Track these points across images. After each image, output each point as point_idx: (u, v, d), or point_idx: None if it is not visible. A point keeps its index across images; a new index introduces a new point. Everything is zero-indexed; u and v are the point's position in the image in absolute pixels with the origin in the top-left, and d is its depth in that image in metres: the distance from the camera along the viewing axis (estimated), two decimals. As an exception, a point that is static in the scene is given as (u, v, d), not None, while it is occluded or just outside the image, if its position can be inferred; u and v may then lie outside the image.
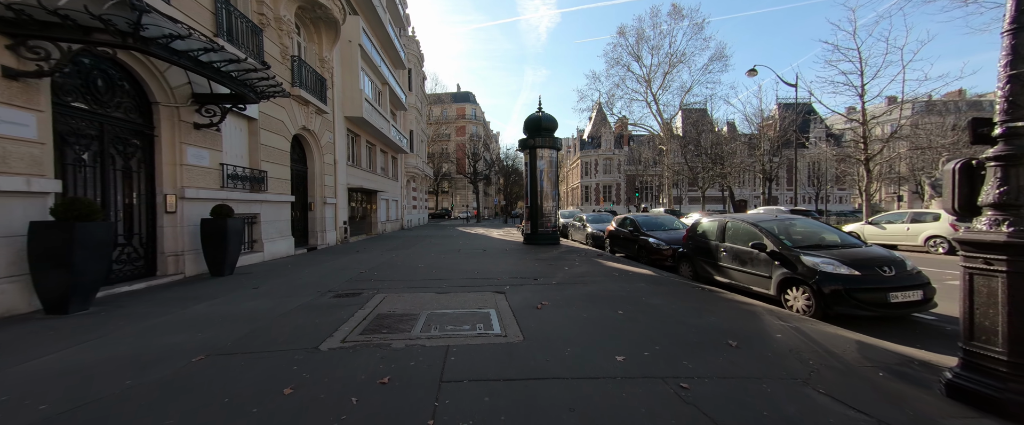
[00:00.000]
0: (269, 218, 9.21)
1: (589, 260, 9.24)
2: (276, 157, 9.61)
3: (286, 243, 9.97)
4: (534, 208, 13.89)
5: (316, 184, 12.40)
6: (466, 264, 8.62)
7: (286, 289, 5.83)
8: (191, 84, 6.60)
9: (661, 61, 34.38)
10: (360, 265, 8.45)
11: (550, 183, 13.85)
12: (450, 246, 13.05)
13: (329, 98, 13.05)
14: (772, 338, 3.62)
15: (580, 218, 15.67)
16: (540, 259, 9.47)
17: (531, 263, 8.72)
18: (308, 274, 7.20)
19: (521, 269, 7.82)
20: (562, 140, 14.17)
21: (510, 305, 4.86)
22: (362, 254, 10.66)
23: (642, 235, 9.14)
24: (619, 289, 5.81)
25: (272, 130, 9.42)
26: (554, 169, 13.93)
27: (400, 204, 24.69)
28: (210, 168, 7.18)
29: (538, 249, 11.94)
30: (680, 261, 7.18)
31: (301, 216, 12.02)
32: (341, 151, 14.17)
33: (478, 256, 10.15)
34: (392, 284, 6.25)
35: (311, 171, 12.36)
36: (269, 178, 9.19)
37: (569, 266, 8.18)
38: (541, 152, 13.79)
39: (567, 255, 10.24)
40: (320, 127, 12.30)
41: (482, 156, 46.34)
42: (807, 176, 59.74)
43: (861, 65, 13.75)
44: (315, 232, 12.39)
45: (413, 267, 8.19)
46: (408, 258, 9.75)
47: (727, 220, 6.12)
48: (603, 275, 7.08)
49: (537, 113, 14.12)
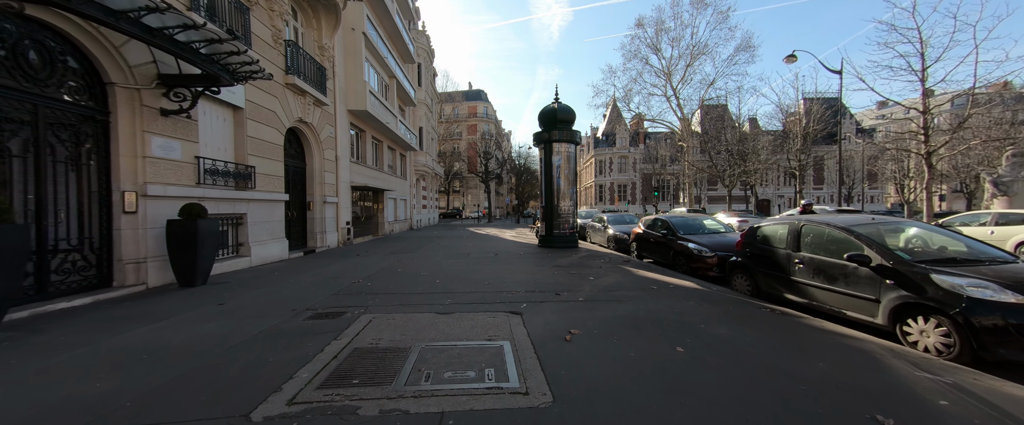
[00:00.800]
0: (258, 219, 8.28)
1: (616, 267, 8.05)
2: (267, 151, 8.69)
3: (279, 246, 9.04)
4: (549, 208, 12.73)
5: (315, 182, 11.49)
6: (475, 272, 7.53)
7: (258, 305, 4.83)
8: (157, 63, 5.66)
9: (682, 53, 32.76)
10: (356, 272, 7.44)
11: (567, 181, 12.66)
12: (459, 249, 12.00)
13: (329, 89, 12.12)
14: (931, 406, 2.40)
15: (600, 219, 14.43)
16: (559, 266, 8.31)
17: (549, 271, 7.58)
18: (293, 284, 6.21)
19: (539, 279, 6.68)
20: (578, 133, 12.96)
21: (529, 334, 3.74)
22: (362, 258, 9.68)
23: (679, 239, 7.89)
24: (666, 310, 4.62)
25: (262, 121, 8.50)
26: (572, 165, 12.74)
27: (409, 203, 23.82)
28: (182, 162, 6.26)
29: (555, 253, 10.78)
30: (733, 272, 5.93)
31: (299, 216, 11.13)
32: (343, 147, 13.26)
33: (489, 261, 9.05)
34: (386, 299, 5.19)
35: (310, 168, 11.46)
36: (258, 174, 8.27)
37: (595, 276, 7.00)
38: (557, 147, 12.61)
39: (589, 261, 9.06)
40: (319, 120, 11.39)
41: (494, 155, 45.35)
42: (836, 173, 56.94)
43: (921, 46, 12.15)
44: (314, 233, 11.49)
45: (415, 275, 7.14)
46: (411, 263, 8.72)
47: (801, 223, 4.86)
48: (638, 288, 5.89)
49: (553, 104, 12.95)
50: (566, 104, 13.00)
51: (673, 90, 33.09)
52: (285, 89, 9.41)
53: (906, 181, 35.89)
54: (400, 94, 21.07)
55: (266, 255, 8.52)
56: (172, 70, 5.77)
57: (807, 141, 23.12)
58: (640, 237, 9.80)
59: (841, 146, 14.94)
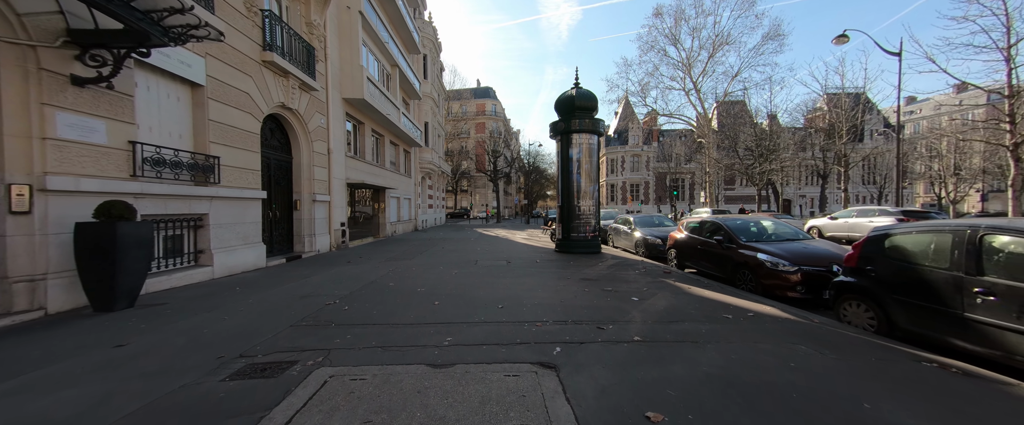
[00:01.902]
0: (224, 220, 6.89)
1: (659, 282, 6.47)
2: (237, 139, 7.29)
3: (253, 253, 7.64)
4: (567, 208, 11.17)
5: (303, 178, 10.10)
6: (485, 288, 6.02)
7: (173, 347, 3.38)
8: (65, 14, 4.26)
9: (703, 44, 30.88)
10: (338, 287, 5.98)
11: (588, 177, 11.08)
12: (466, 254, 10.51)
13: (320, 74, 10.73)
14: None
15: (625, 220, 12.81)
16: (588, 279, 6.76)
17: (577, 287, 6.03)
18: (247, 307, 4.76)
19: (567, 300, 5.14)
20: (601, 122, 11.38)
21: (578, 419, 2.22)
22: (353, 266, 8.24)
23: (741, 247, 6.26)
24: (773, 362, 3.06)
25: (230, 103, 7.10)
26: (593, 159, 11.16)
27: (413, 203, 22.44)
28: (109, 147, 4.86)
29: (577, 261, 9.22)
30: (842, 298, 4.28)
31: (283, 217, 9.75)
32: (338, 139, 11.86)
33: (501, 272, 7.54)
34: (362, 334, 3.71)
35: (297, 161, 10.07)
36: (224, 167, 6.87)
37: (638, 295, 5.44)
38: (576, 138, 11.05)
39: (621, 272, 7.50)
40: (308, 108, 9.99)
41: (502, 153, 43.86)
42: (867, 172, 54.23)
43: (1007, 20, 10.32)
44: (302, 236, 10.09)
45: (409, 293, 5.65)
46: (409, 274, 7.24)
47: (982, 230, 3.20)
48: (707, 317, 4.32)
49: (571, 90, 11.39)
50: (587, 89, 11.42)
51: (693, 83, 31.22)
52: (262, 67, 8.01)
53: (947, 178, 33.47)
54: (404, 86, 19.68)
55: (235, 264, 7.12)
56: (86, 24, 4.36)
57: (857, 132, 20.97)
58: (682, 243, 8.19)
59: (899, 142, 13.08)
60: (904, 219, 11.48)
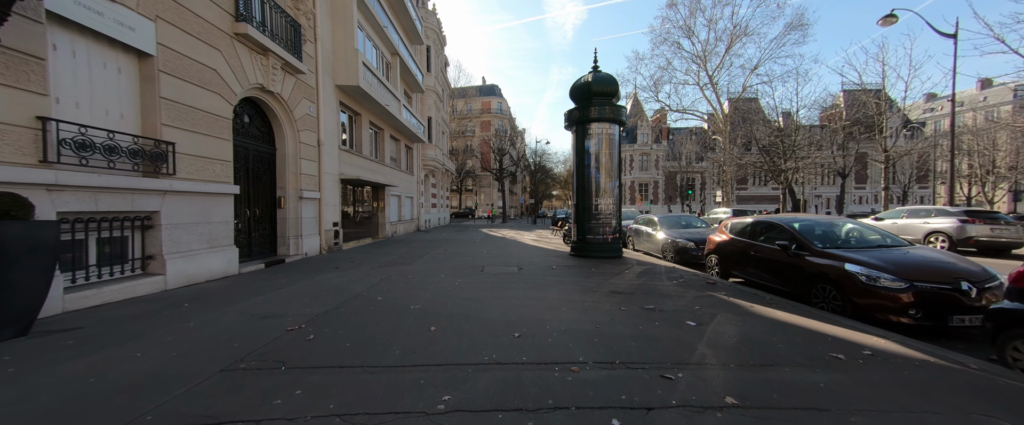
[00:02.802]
0: (181, 218, 5.75)
1: (709, 297, 5.22)
2: (201, 123, 6.15)
3: (221, 258, 6.50)
4: (583, 207, 9.96)
5: (288, 172, 8.97)
6: (495, 304, 4.81)
7: (20, 419, 2.22)
8: (-72, -60, 3.13)
9: (720, 36, 29.47)
10: (310, 305, 4.81)
11: (608, 172, 9.84)
12: (471, 258, 9.31)
13: (308, 56, 9.60)
14: None
15: (648, 220, 11.52)
16: (620, 293, 5.53)
17: (610, 304, 4.81)
18: (175, 339, 3.59)
19: (604, 324, 3.92)
20: (623, 109, 10.13)
21: None
22: (341, 273, 7.08)
23: (818, 255, 4.95)
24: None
25: (191, 79, 5.95)
26: (614, 151, 9.91)
27: (415, 201, 21.31)
28: (3, 124, 3.72)
29: (598, 267, 7.99)
30: (1009, 333, 3.02)
31: (265, 216, 8.62)
32: (330, 130, 10.73)
33: (513, 282, 6.32)
34: (315, 395, 2.52)
35: (281, 153, 8.94)
36: (181, 155, 5.74)
37: (693, 317, 4.20)
38: (594, 128, 9.83)
39: (654, 282, 6.26)
40: (293, 93, 8.86)
41: (508, 152, 42.62)
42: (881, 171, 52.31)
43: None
44: (286, 238, 8.96)
45: (399, 313, 4.46)
46: (402, 285, 6.05)
47: None
48: (811, 359, 3.07)
49: (587, 75, 10.16)
50: (606, 73, 10.18)
51: (709, 77, 29.82)
52: (234, 41, 6.87)
53: (985, 176, 31.70)
54: (405, 77, 18.55)
55: (197, 271, 5.98)
56: (-40, -45, 3.22)
57: (880, 130, 19.45)
58: (727, 249, 6.90)
59: (953, 137, 11.67)
60: (969, 220, 10.09)
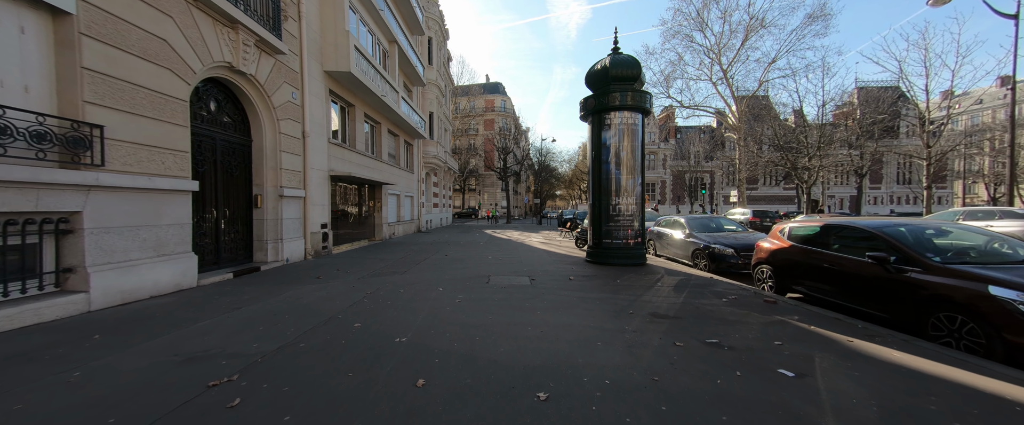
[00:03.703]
0: (114, 221, 4.63)
1: (781, 323, 4.04)
2: (145, 104, 5.02)
3: (171, 268, 5.37)
4: (600, 208, 8.81)
5: (266, 166, 7.85)
6: (506, 338, 3.63)
7: None
8: None
9: (735, 28, 28.12)
10: (263, 337, 3.66)
11: (629, 168, 8.66)
12: (474, 264, 8.13)
13: (291, 35, 8.48)
14: None
15: (673, 222, 10.28)
16: (663, 316, 4.35)
17: (659, 336, 3.64)
18: (24, 406, 2.46)
19: (666, 382, 2.75)
20: (647, 95, 8.92)
21: None
22: (319, 286, 5.94)
23: (939, 273, 3.67)
24: None
25: (130, 49, 4.83)
26: (636, 144, 8.74)
27: (416, 201, 20.19)
28: None
29: (623, 277, 6.80)
30: None
31: (239, 216, 7.51)
32: (317, 120, 9.61)
33: (526, 299, 5.14)
34: None
35: (258, 145, 7.81)
36: (115, 142, 4.61)
37: (786, 365, 3.02)
38: (613, 118, 8.67)
39: (699, 300, 5.07)
40: (272, 76, 7.74)
41: (512, 150, 41.42)
42: (897, 172, 50.68)
43: None
44: (264, 242, 7.84)
45: (376, 353, 3.29)
46: (389, 305, 4.89)
47: None
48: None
49: (605, 59, 8.97)
50: (626, 54, 8.99)
51: (723, 72, 28.49)
52: (191, 6, 5.73)
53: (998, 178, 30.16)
54: (405, 69, 17.44)
55: (137, 286, 4.85)
56: None
57: (923, 125, 17.93)
58: (787, 258, 5.68)
59: (1014, 125, 10.38)
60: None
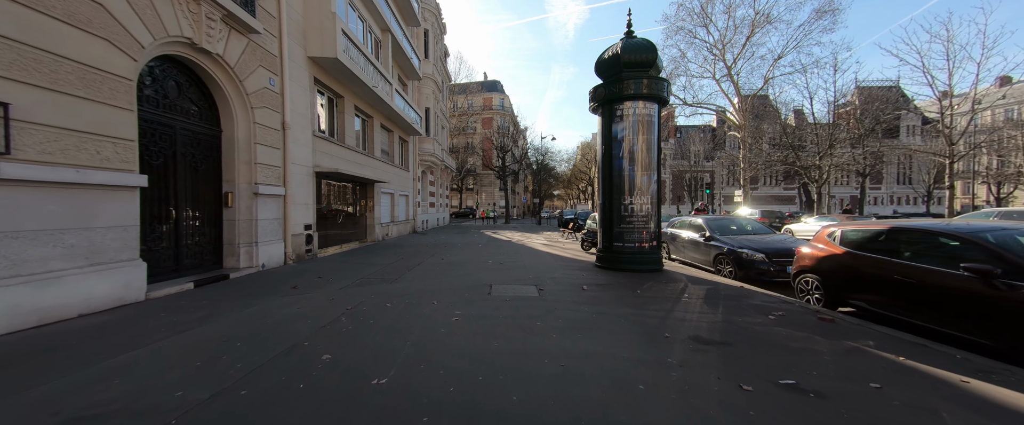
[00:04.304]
0: (24, 224, 3.74)
1: (867, 357, 3.22)
2: (72, 80, 4.13)
3: (109, 280, 4.47)
4: (611, 208, 8.02)
5: (238, 160, 6.95)
6: (515, 381, 2.76)
7: None
8: None
9: (739, 24, 27.38)
10: (190, 384, 2.77)
11: (644, 165, 7.84)
12: (473, 271, 7.26)
13: (268, 13, 7.59)
14: None
15: (692, 224, 9.41)
16: (711, 344, 3.52)
17: (719, 382, 2.79)
18: None
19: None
20: (664, 82, 8.09)
21: None
22: (293, 299, 5.05)
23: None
24: None
25: (52, 12, 3.93)
26: (652, 137, 7.93)
27: (411, 200, 19.28)
28: None
29: (642, 286, 5.97)
30: None
31: (207, 217, 6.61)
32: (299, 111, 8.71)
33: (536, 319, 4.27)
34: None
35: (229, 137, 6.91)
36: (25, 125, 3.72)
37: (884, 417, 2.18)
38: (626, 109, 7.88)
39: (741, 317, 4.23)
40: (244, 58, 6.84)
41: (510, 149, 40.56)
42: (898, 172, 50.30)
43: None
44: (235, 245, 6.94)
45: (346, 407, 2.42)
46: (370, 326, 4.01)
47: None
48: None
49: (616, 45, 8.14)
50: (641, 38, 8.16)
51: (727, 69, 27.74)
52: (138, -31, 4.84)
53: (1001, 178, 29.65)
54: (399, 60, 16.53)
55: (58, 302, 3.95)
56: None
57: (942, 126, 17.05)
58: (841, 267, 4.85)
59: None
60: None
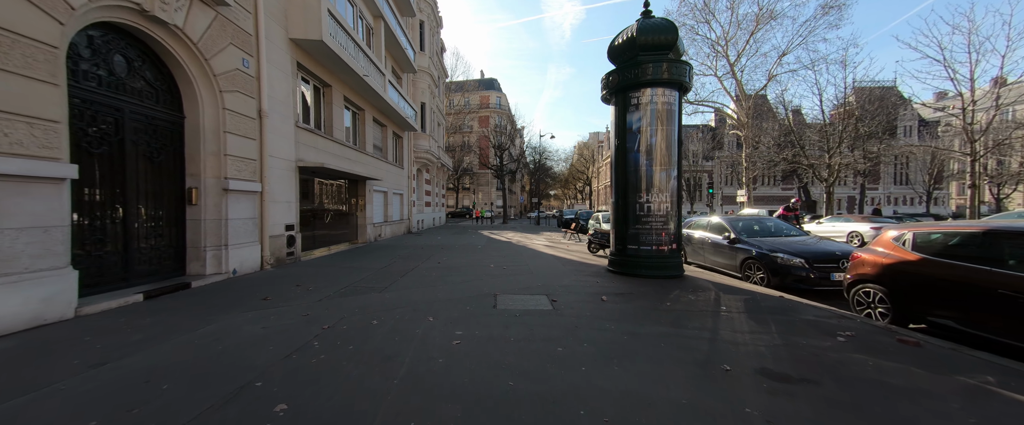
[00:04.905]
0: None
1: (978, 391, 2.42)
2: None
3: (21, 295, 3.58)
4: (626, 207, 7.27)
5: (204, 151, 6.05)
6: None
7: None
8: None
9: (742, 20, 26.77)
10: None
11: (662, 159, 7.08)
12: (473, 277, 6.40)
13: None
14: None
15: (717, 226, 8.57)
16: (788, 380, 2.72)
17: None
18: None
19: None
20: (686, 66, 7.30)
21: None
22: (250, 321, 4.18)
23: None
24: None
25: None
26: (672, 128, 7.18)
27: (405, 199, 18.39)
28: None
29: (667, 295, 5.18)
30: None
31: (169, 216, 5.72)
32: (279, 98, 7.83)
33: (554, 343, 3.42)
34: None
35: (193, 124, 6.01)
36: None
37: None
38: (641, 97, 7.13)
39: (803, 338, 3.45)
40: (210, 33, 5.94)
41: (507, 148, 39.70)
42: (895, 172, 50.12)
43: None
44: (200, 249, 6.04)
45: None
46: (347, 355, 3.15)
47: None
48: None
49: (631, 26, 7.35)
50: (659, 18, 7.38)
51: (730, 66, 27.12)
52: (65, -89, 3.95)
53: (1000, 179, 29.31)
54: (393, 50, 15.65)
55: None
56: None
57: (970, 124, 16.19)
58: (916, 276, 4.07)
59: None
60: None
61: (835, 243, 6.72)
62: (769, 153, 25.09)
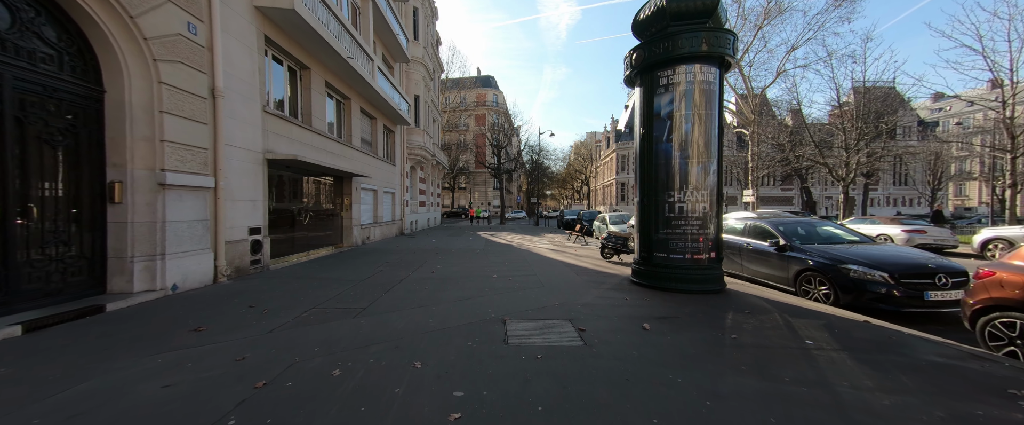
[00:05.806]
0: None
1: None
2: None
3: None
4: (653, 208, 6.10)
5: (133, 134, 4.75)
6: None
7: None
8: None
9: (747, 14, 25.71)
10: None
11: (699, 150, 5.90)
12: (474, 292, 5.12)
13: (188, -68, 5.40)
14: None
15: (755, 230, 7.38)
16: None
17: None
18: None
19: None
20: (728, 36, 6.13)
21: None
22: (163, 364, 2.90)
23: None
24: None
25: None
26: (712, 113, 5.99)
27: (398, 198, 17.08)
28: None
29: (727, 320, 3.96)
30: None
31: (82, 217, 4.42)
32: (240, 76, 6.53)
33: (601, 406, 2.20)
34: None
35: (115, 100, 4.71)
36: None
37: None
38: (674, 75, 5.97)
39: (966, 403, 2.24)
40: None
41: (505, 146, 38.42)
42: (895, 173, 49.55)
43: None
44: (126, 260, 4.74)
45: None
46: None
47: None
48: None
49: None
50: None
51: (736, 62, 26.10)
52: None
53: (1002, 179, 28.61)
54: (384, 36, 14.36)
55: None
56: None
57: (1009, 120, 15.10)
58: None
59: None
60: None
61: (918, 251, 5.57)
62: (780, 151, 24.09)
